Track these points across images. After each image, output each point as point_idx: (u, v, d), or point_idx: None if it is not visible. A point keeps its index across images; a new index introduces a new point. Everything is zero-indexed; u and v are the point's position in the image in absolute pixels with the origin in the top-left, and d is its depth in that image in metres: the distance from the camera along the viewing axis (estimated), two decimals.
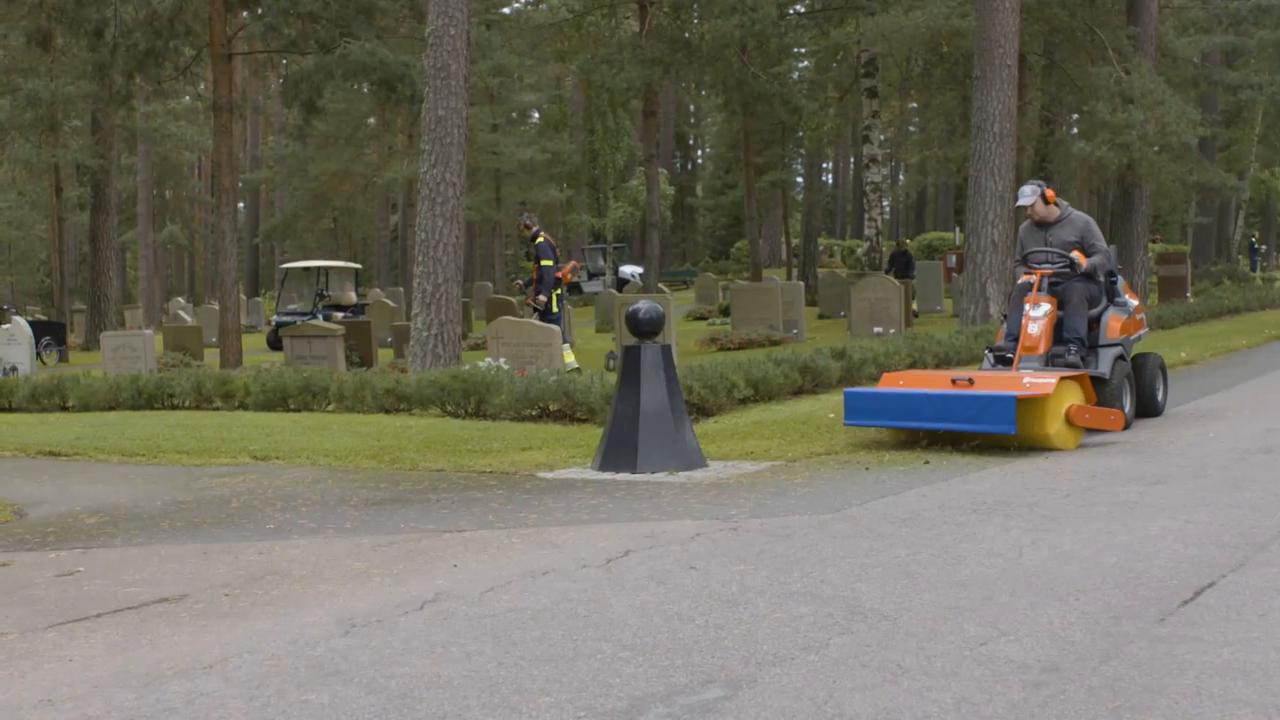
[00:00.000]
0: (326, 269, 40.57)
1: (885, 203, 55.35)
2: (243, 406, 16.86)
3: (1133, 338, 13.37)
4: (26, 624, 6.39)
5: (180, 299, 58.57)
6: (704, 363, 16.00)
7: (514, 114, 63.20)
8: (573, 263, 27.90)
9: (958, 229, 57.07)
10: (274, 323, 36.67)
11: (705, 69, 37.68)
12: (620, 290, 45.31)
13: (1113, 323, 12.89)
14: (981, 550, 7.17)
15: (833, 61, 41.50)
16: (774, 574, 6.72)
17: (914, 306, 33.93)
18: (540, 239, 22.57)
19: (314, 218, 63.68)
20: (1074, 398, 11.51)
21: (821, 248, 59.48)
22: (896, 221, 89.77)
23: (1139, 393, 13.23)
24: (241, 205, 70.72)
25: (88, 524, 9.41)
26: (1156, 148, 27.80)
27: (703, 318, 38.78)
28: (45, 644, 5.98)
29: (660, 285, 38.43)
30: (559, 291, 22.01)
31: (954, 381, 11.62)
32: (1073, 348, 12.47)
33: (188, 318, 41.70)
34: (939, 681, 4.87)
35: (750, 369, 15.12)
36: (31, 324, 28.80)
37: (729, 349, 25.80)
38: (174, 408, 17.48)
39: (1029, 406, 11.08)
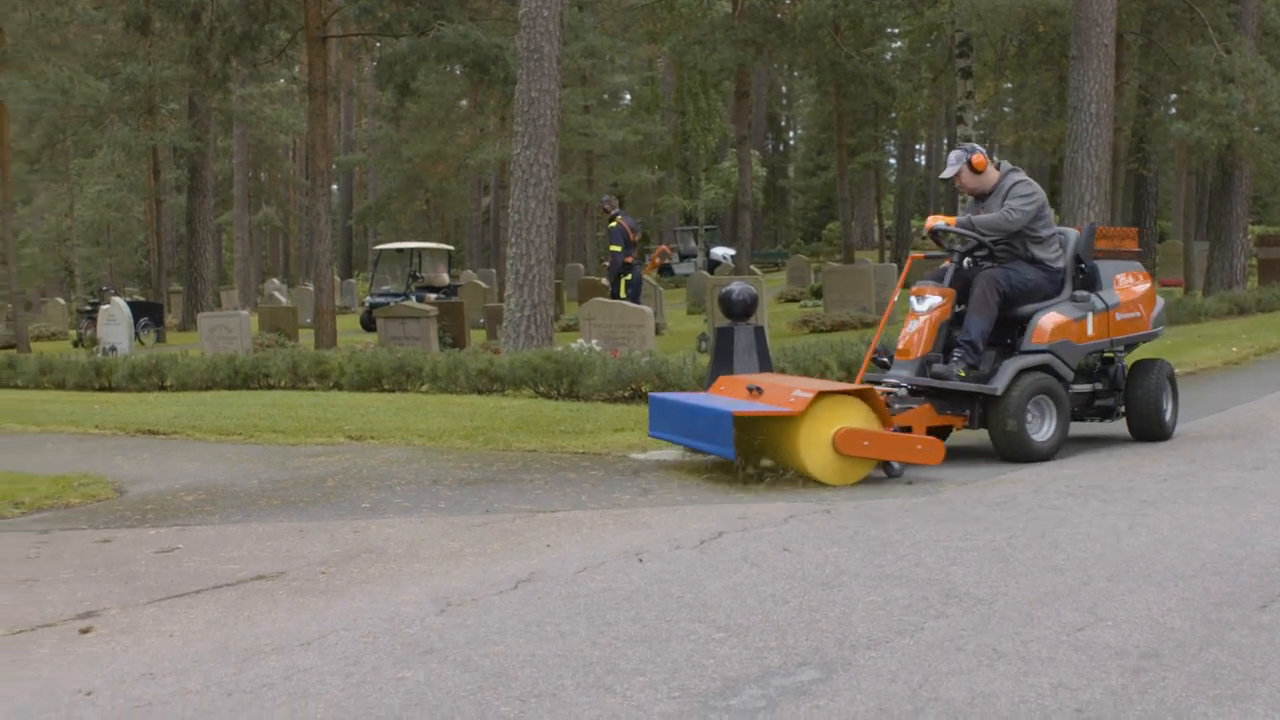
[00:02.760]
0: (419, 250, 40.79)
1: None
2: (337, 387, 16.99)
3: (1092, 343, 10.60)
4: (127, 599, 6.48)
5: (275, 280, 59.14)
6: (796, 344, 15.96)
7: (605, 96, 63.27)
8: (661, 247, 27.92)
9: (1053, 211, 56.46)
10: (368, 304, 36.93)
11: (798, 50, 37.45)
12: (712, 272, 45.22)
13: (1045, 323, 10.31)
14: (1078, 535, 7.10)
15: (926, 41, 41.09)
16: (868, 557, 6.69)
17: None
18: (614, 223, 22.63)
19: (407, 199, 64.07)
20: (850, 419, 9.18)
21: (914, 229, 59.04)
22: None
23: (1140, 410, 10.79)
24: (335, 187, 71.37)
25: (186, 501, 9.52)
26: (1257, 128, 27.32)
27: (794, 299, 38.65)
28: (146, 619, 6.07)
29: (752, 267, 38.33)
30: (628, 277, 22.10)
31: (749, 390, 9.81)
32: (957, 353, 10.22)
33: (283, 299, 42.15)
34: (1036, 666, 4.84)
35: (843, 351, 15.03)
36: (130, 305, 29.14)
37: (821, 331, 25.74)
38: (269, 387, 17.65)
39: (777, 427, 9.28)
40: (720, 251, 54.68)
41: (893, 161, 71.34)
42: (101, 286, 43.30)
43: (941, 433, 10.46)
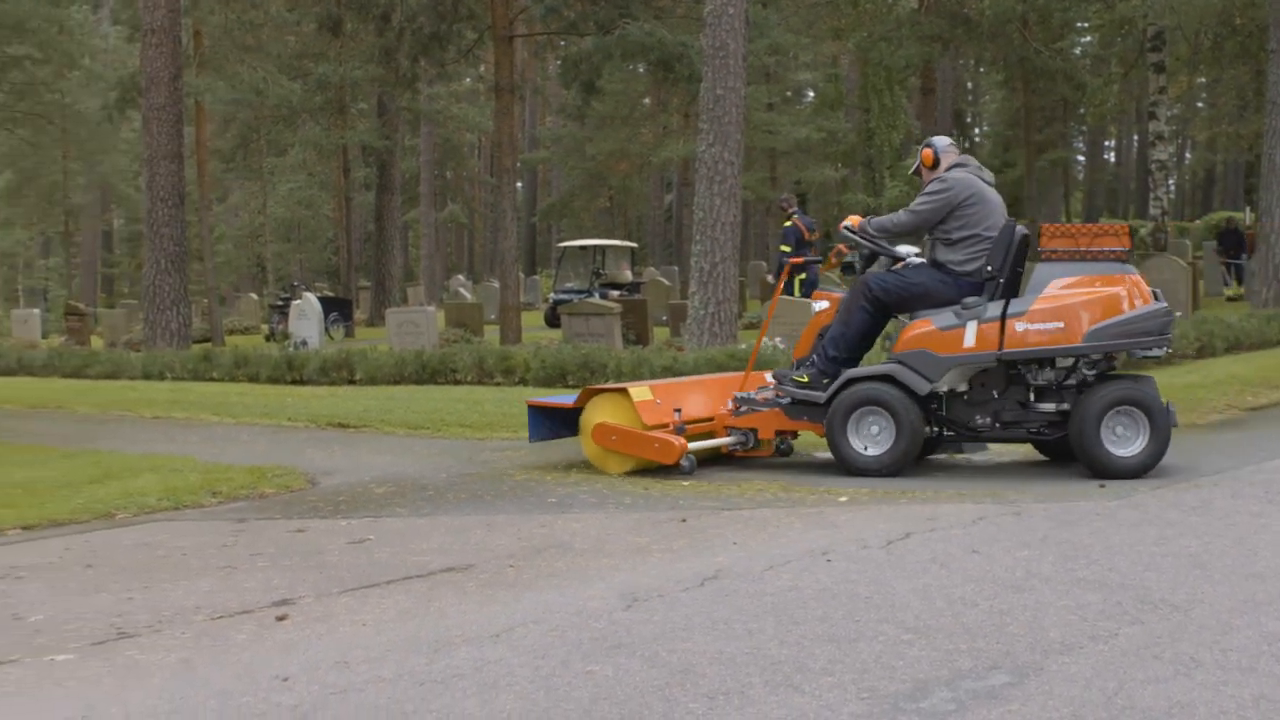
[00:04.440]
0: (603, 247, 40.95)
1: (1171, 181, 53.60)
2: (522, 382, 17.15)
3: (969, 355, 9.51)
4: (321, 588, 6.62)
5: (460, 276, 59.80)
6: None
7: (789, 93, 63.03)
8: (838, 247, 27.77)
9: (1248, 208, 55.01)
10: (551, 300, 37.17)
11: (985, 45, 37.01)
12: None
13: (906, 333, 9.83)
14: (1278, 542, 6.90)
15: (1117, 35, 40.32)
16: (1059, 561, 6.57)
17: (1229, 292, 32.88)
18: (788, 223, 22.55)
19: (590, 197, 64.39)
20: (608, 414, 10.27)
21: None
22: (1183, 200, 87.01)
23: (1073, 436, 9.40)
24: (520, 185, 72.07)
25: (376, 494, 9.70)
26: None
27: None
28: (339, 608, 6.19)
29: None
30: (802, 276, 22.02)
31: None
32: (810, 358, 10.21)
33: (468, 295, 42.58)
34: (1235, 677, 4.71)
35: None
36: (320, 300, 29.69)
37: None
38: (456, 383, 17.87)
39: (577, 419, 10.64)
40: (904, 249, 54.14)
41: (1081, 159, 70.12)
42: (293, 282, 44.08)
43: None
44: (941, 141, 10.51)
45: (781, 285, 12.31)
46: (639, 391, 10.28)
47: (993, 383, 9.78)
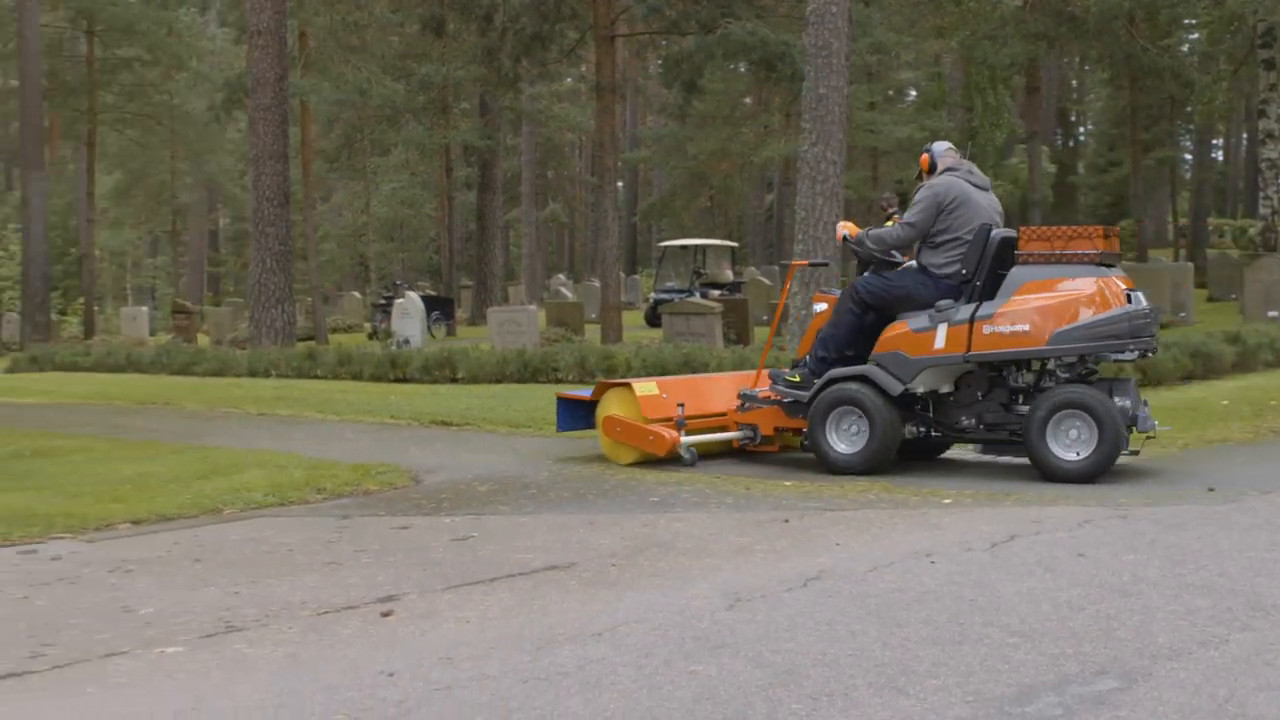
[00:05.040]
0: (704, 247, 40.93)
1: None
2: None
3: (940, 356, 9.65)
4: (425, 585, 6.66)
5: (561, 275, 60.00)
6: None
7: (891, 92, 62.66)
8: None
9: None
10: (652, 300, 37.19)
11: (1091, 42, 36.58)
12: None
13: (885, 334, 10.00)
14: None
15: (1226, 32, 39.72)
16: (1167, 565, 6.48)
17: None
18: (889, 223, 22.40)
19: (690, 196, 64.32)
20: (615, 408, 11.05)
21: (1210, 228, 57.14)
22: None
23: (1024, 439, 9.50)
24: (620, 184, 72.19)
25: (479, 491, 9.76)
26: None
27: None
28: (443, 605, 6.23)
29: None
30: None
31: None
32: (804, 359, 10.53)
33: (569, 294, 42.70)
34: None
35: None
36: (423, 299, 29.88)
37: None
38: (557, 381, 17.92)
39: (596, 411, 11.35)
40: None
41: (1188, 157, 69.11)
42: (395, 281, 44.42)
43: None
44: (939, 147, 10.56)
45: (787, 288, 12.52)
46: (643, 386, 10.96)
47: (977, 384, 9.97)
